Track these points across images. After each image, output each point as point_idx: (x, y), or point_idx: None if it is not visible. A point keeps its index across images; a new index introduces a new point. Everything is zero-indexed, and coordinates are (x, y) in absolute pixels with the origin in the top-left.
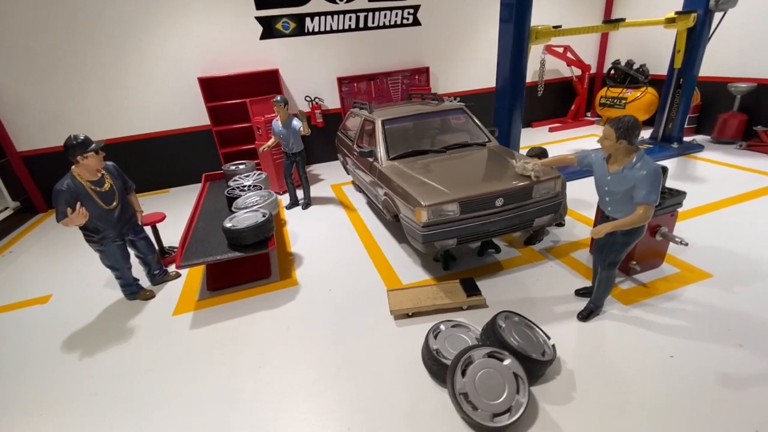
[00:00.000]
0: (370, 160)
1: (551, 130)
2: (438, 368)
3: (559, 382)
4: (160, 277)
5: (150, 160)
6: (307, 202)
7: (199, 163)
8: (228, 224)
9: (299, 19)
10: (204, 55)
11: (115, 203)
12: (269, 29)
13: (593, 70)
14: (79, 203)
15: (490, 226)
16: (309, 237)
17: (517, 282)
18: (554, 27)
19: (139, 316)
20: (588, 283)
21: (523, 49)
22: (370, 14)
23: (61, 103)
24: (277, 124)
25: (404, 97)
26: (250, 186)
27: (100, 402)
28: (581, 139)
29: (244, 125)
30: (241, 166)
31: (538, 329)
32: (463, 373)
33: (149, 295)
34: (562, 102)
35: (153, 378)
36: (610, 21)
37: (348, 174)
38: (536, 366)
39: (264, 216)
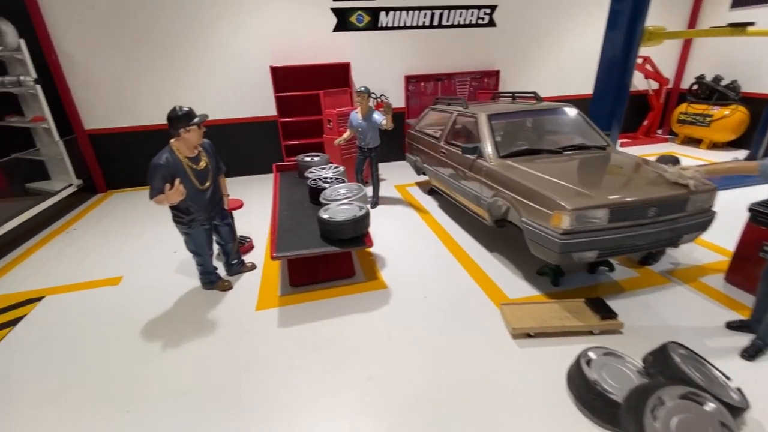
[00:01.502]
0: (472, 157)
1: (623, 145)
2: (602, 404)
3: None
4: (237, 267)
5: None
6: (376, 201)
7: (259, 154)
8: (324, 216)
9: (374, 12)
10: (276, 44)
11: (208, 183)
12: (343, 21)
13: (670, 85)
14: (178, 179)
15: (637, 239)
16: (385, 237)
17: (646, 307)
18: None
19: (220, 308)
20: (739, 316)
21: (632, 54)
22: (446, 12)
23: (131, 84)
24: (357, 116)
25: (470, 99)
26: (331, 178)
27: (192, 402)
28: (655, 158)
29: (311, 118)
30: (316, 158)
31: (711, 367)
32: (653, 417)
33: (227, 286)
34: (633, 116)
35: (247, 380)
36: (737, 24)
37: (419, 174)
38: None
39: (362, 210)
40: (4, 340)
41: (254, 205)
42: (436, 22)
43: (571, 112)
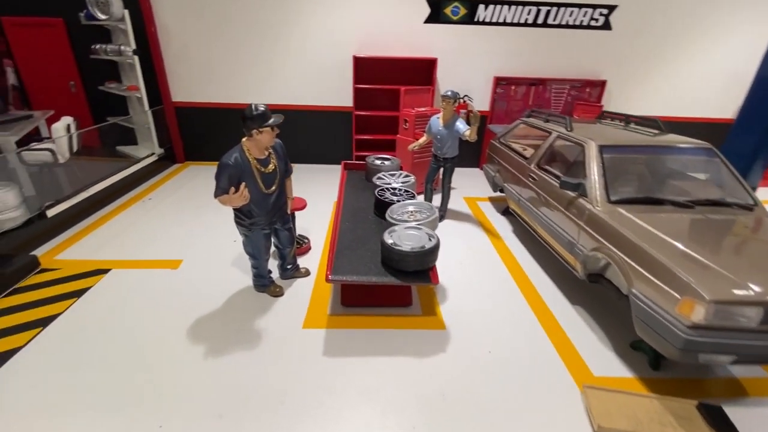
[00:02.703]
0: (573, 195)
1: None
2: None
3: None
4: (291, 272)
5: (282, 132)
6: (442, 215)
7: (329, 144)
8: (389, 240)
9: (472, 5)
10: (364, 33)
11: (274, 188)
12: (437, 13)
13: None
14: (243, 184)
15: None
16: (448, 259)
17: None
18: None
19: (268, 318)
20: None
21: None
22: (554, 10)
23: (220, 61)
24: (438, 122)
25: (565, 111)
26: (399, 190)
27: (225, 429)
28: None
29: (387, 113)
30: (386, 162)
31: None
32: None
33: (278, 292)
34: None
35: (285, 416)
36: None
37: (495, 191)
38: None
39: (432, 240)
40: (68, 310)
41: (316, 199)
42: (540, 20)
43: (709, 154)
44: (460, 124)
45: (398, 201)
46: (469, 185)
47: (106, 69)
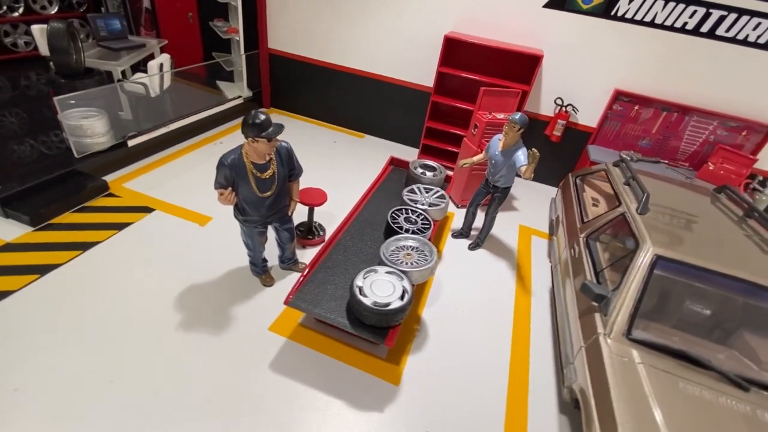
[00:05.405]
0: (593, 305)
1: None
2: None
3: None
4: (288, 264)
5: (358, 97)
6: (478, 243)
7: (399, 122)
8: (359, 282)
9: None
10: (464, 10)
11: (269, 193)
12: None
13: None
14: (229, 189)
15: None
16: (454, 300)
17: None
18: None
19: (245, 306)
20: None
21: None
22: (732, 17)
23: (318, 16)
24: (497, 145)
25: (700, 153)
26: (419, 215)
27: (155, 408)
28: None
29: (468, 106)
30: (428, 173)
31: None
32: None
33: (269, 283)
34: None
35: (206, 416)
36: None
37: (551, 234)
38: None
39: (404, 298)
40: (106, 241)
41: (361, 179)
42: (704, 29)
43: None
44: (521, 155)
45: (405, 231)
46: (537, 210)
47: (219, 7)
